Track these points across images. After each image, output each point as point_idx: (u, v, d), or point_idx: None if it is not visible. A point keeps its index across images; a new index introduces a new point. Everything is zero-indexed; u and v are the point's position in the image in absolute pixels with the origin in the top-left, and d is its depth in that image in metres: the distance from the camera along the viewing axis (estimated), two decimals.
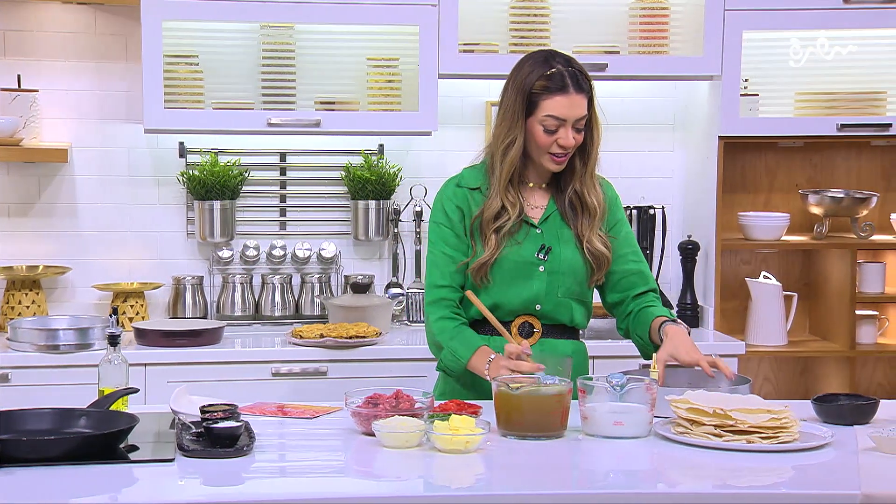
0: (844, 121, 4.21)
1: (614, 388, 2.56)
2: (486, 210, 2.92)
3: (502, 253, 2.92)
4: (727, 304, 4.38)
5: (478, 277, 2.91)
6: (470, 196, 2.96)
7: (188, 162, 4.27)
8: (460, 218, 2.96)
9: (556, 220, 2.96)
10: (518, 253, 2.92)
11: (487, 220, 2.92)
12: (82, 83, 4.24)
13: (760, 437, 2.44)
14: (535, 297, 2.93)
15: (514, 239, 2.92)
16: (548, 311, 2.95)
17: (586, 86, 2.89)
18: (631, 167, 4.48)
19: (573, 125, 2.87)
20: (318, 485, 2.31)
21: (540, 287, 2.93)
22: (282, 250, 4.31)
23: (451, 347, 2.90)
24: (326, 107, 4.15)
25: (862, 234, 4.27)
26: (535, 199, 2.98)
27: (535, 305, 2.94)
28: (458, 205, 2.96)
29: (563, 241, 2.95)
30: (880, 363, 4.48)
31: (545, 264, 2.93)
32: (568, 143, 2.87)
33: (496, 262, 2.92)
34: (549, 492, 2.20)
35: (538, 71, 2.88)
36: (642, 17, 4.23)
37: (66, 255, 4.24)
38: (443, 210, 2.98)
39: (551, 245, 2.94)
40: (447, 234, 2.96)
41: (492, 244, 2.91)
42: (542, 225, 2.96)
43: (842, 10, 4.13)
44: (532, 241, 2.94)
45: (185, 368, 3.76)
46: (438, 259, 2.96)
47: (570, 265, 2.94)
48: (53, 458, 2.28)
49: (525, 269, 2.93)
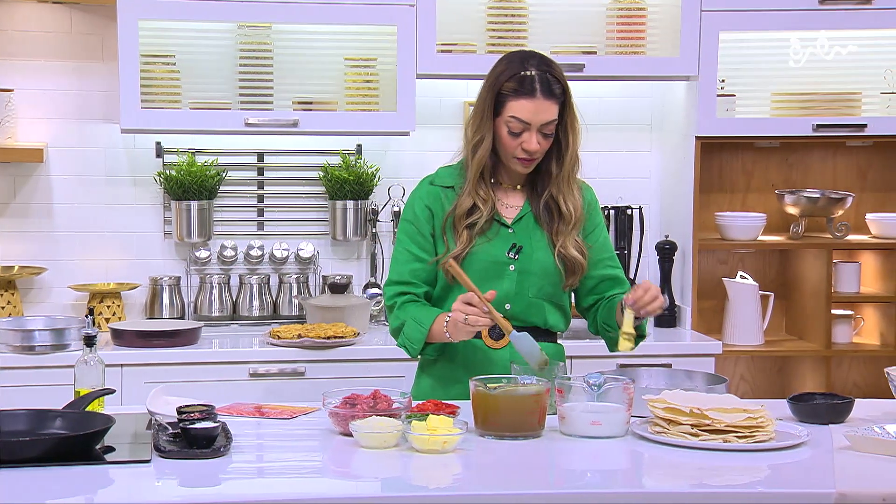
0: (820, 121, 4.23)
1: (591, 387, 2.56)
2: (458, 207, 2.91)
3: (472, 251, 2.90)
4: (704, 304, 4.39)
5: (449, 274, 2.90)
6: (443, 194, 2.96)
7: (165, 162, 4.26)
8: (428, 217, 2.95)
9: (529, 221, 2.95)
10: (488, 252, 2.91)
11: (459, 216, 2.91)
12: (58, 83, 4.22)
13: (737, 436, 2.45)
14: (504, 297, 2.91)
15: (484, 237, 2.91)
16: (519, 312, 2.93)
17: (559, 91, 2.87)
18: (608, 167, 4.49)
19: (539, 130, 2.85)
20: (295, 485, 2.30)
21: (510, 286, 2.92)
22: (259, 250, 4.30)
23: (413, 316, 2.89)
24: (304, 107, 4.15)
25: (838, 234, 4.29)
26: (511, 200, 2.98)
27: (506, 305, 2.92)
28: (429, 205, 2.96)
29: (536, 241, 2.93)
30: (856, 362, 4.50)
31: (515, 264, 2.92)
32: (531, 148, 2.86)
33: (466, 261, 2.90)
34: (526, 492, 2.20)
35: (510, 71, 2.87)
36: (619, 18, 4.24)
37: (42, 256, 4.22)
38: (412, 208, 2.99)
39: (522, 245, 2.93)
40: (412, 232, 2.96)
41: (464, 239, 2.90)
42: (514, 225, 2.95)
43: (817, 10, 4.15)
44: (503, 240, 2.93)
45: (162, 369, 3.75)
46: (401, 255, 2.97)
47: (541, 266, 2.92)
48: (29, 459, 2.26)
49: (495, 269, 2.91)
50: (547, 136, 2.88)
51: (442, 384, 2.96)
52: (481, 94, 2.91)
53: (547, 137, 2.88)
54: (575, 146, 2.93)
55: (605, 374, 2.64)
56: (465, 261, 2.90)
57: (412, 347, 2.92)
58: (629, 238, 4.42)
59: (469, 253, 2.91)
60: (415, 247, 2.96)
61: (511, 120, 2.85)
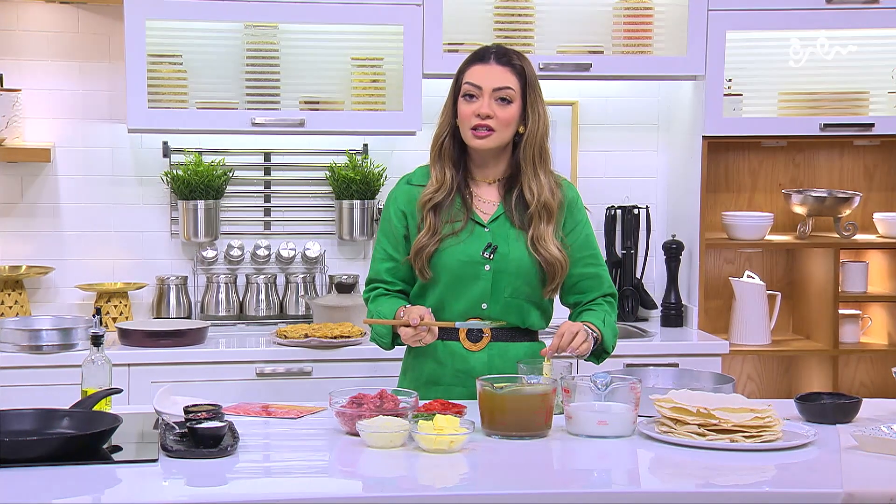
0: (827, 120, 4.23)
1: (598, 387, 2.56)
2: (423, 193, 2.92)
3: (447, 250, 2.89)
4: (711, 304, 4.39)
5: (417, 265, 2.90)
6: (419, 193, 2.96)
7: (172, 162, 4.26)
8: (400, 218, 2.96)
9: (506, 220, 2.93)
10: (463, 251, 2.90)
11: (423, 201, 2.91)
12: (65, 83, 4.22)
13: (744, 436, 2.45)
14: (480, 297, 2.90)
15: (457, 237, 2.90)
16: (495, 312, 2.92)
17: (515, 62, 2.88)
18: (615, 167, 4.49)
19: (493, 96, 2.85)
20: (302, 485, 2.31)
21: (485, 286, 2.90)
22: (266, 250, 4.31)
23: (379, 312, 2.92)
24: (311, 106, 4.15)
25: (845, 233, 4.29)
26: (487, 195, 2.95)
27: (482, 305, 2.91)
28: (402, 206, 2.97)
29: (512, 241, 2.91)
30: (863, 362, 4.50)
31: (491, 263, 2.90)
32: (483, 111, 2.84)
33: (439, 260, 2.89)
34: (533, 491, 2.20)
35: (469, 55, 2.94)
36: (626, 18, 4.24)
37: (49, 255, 4.23)
38: (388, 208, 3.00)
39: (498, 244, 2.91)
40: (387, 231, 2.98)
41: (428, 222, 2.89)
42: (490, 224, 2.93)
43: (825, 10, 4.14)
44: (478, 239, 2.91)
45: (169, 369, 3.75)
46: (377, 254, 3.01)
47: (517, 265, 2.89)
48: (36, 458, 2.27)
49: (470, 268, 2.90)
50: (503, 102, 2.86)
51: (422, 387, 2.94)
52: (450, 87, 2.95)
53: (503, 105, 2.86)
54: (538, 130, 2.90)
55: (612, 374, 2.63)
56: (438, 262, 2.89)
57: (382, 342, 2.95)
58: (636, 238, 4.42)
59: (443, 252, 2.89)
60: (389, 246, 2.98)
61: (465, 86, 2.88)
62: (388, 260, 2.98)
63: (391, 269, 2.98)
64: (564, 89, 4.36)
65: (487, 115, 2.84)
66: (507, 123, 2.87)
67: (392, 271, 2.98)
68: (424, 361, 2.96)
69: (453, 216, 2.91)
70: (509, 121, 2.87)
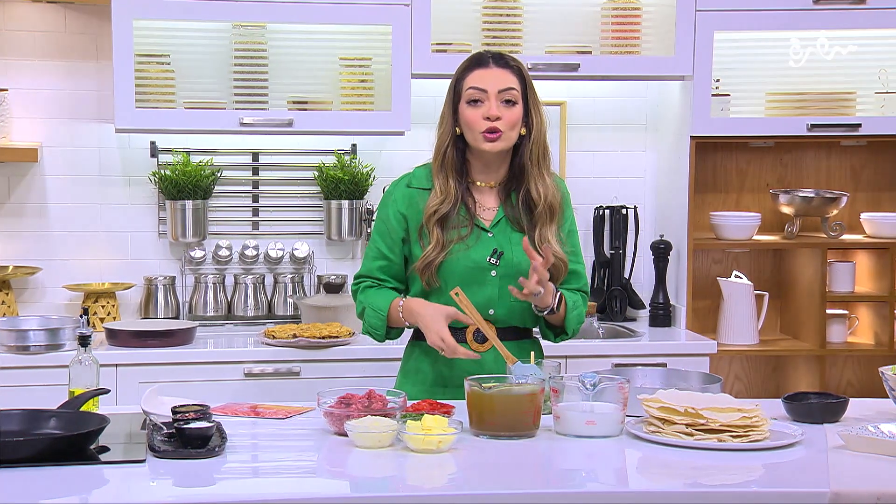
0: (815, 121, 4.24)
1: (586, 387, 2.56)
2: (428, 206, 2.92)
3: (454, 257, 2.90)
4: (699, 304, 4.40)
5: (424, 277, 2.90)
6: (419, 197, 2.95)
7: (160, 162, 4.26)
8: (400, 221, 2.96)
9: (506, 224, 2.94)
10: (469, 257, 2.90)
11: (429, 214, 2.91)
12: (52, 82, 4.21)
13: (731, 435, 2.45)
14: (487, 303, 2.92)
15: (464, 243, 2.90)
16: (502, 317, 2.93)
17: (514, 64, 2.91)
18: (603, 167, 4.50)
19: (499, 97, 2.86)
20: (290, 485, 2.30)
21: (493, 292, 2.91)
22: (254, 250, 4.30)
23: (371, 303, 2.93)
24: (299, 106, 4.15)
25: (832, 233, 4.30)
26: (488, 201, 2.96)
27: (489, 310, 2.92)
28: (402, 211, 2.96)
29: (516, 244, 2.92)
30: (850, 362, 4.51)
31: (497, 269, 2.91)
32: (492, 113, 2.85)
33: (447, 267, 2.90)
34: (521, 491, 2.20)
35: (466, 62, 2.94)
36: (614, 18, 4.24)
37: (37, 256, 4.22)
38: (386, 209, 2.99)
39: (503, 249, 2.92)
40: (384, 231, 2.98)
41: (436, 236, 2.89)
42: (493, 228, 2.94)
43: (812, 10, 4.15)
44: (484, 244, 2.92)
45: (157, 369, 3.74)
46: (371, 252, 3.01)
47: (523, 270, 2.88)
48: (23, 459, 2.26)
49: (477, 274, 2.91)
50: (509, 104, 2.87)
51: (429, 388, 2.96)
52: (446, 96, 2.95)
53: (509, 106, 2.88)
54: (541, 130, 2.92)
55: (601, 374, 2.64)
56: (445, 268, 2.90)
57: (376, 334, 2.96)
58: (624, 238, 4.42)
59: (450, 261, 2.90)
60: (384, 246, 2.97)
61: (469, 91, 2.88)
62: (381, 259, 2.98)
63: (384, 267, 2.98)
64: (553, 89, 4.37)
65: (497, 116, 2.86)
66: (514, 124, 2.89)
67: (384, 269, 2.98)
68: (431, 363, 2.96)
69: (458, 223, 2.92)
70: (516, 122, 2.89)
